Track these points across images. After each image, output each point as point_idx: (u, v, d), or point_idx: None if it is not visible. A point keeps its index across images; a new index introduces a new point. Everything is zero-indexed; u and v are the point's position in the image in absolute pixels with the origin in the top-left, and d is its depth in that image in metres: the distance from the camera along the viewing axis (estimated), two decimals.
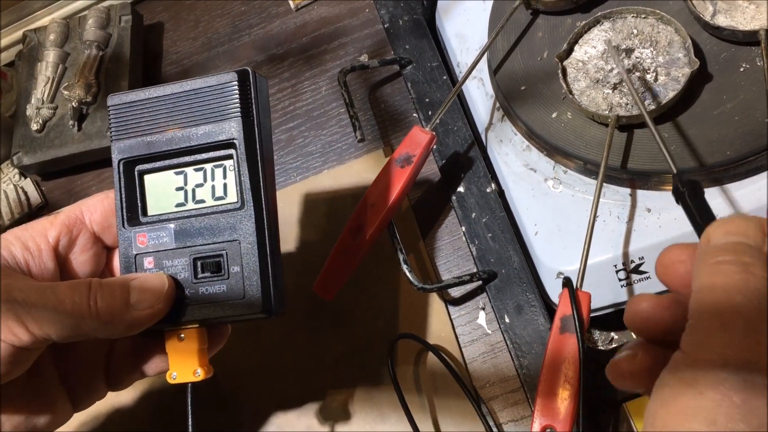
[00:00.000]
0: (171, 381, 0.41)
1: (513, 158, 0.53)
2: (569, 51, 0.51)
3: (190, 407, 0.41)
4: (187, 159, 0.41)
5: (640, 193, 0.49)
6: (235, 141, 0.40)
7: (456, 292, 0.52)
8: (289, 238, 0.57)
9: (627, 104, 0.48)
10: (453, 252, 0.54)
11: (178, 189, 0.42)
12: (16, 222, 0.67)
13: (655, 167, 0.47)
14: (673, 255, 0.30)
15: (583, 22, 0.50)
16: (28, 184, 0.69)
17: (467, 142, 0.56)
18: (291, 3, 0.68)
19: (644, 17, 0.50)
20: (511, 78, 0.53)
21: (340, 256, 0.50)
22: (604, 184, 0.48)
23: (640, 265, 0.47)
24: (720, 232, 0.27)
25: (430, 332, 0.51)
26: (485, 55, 0.54)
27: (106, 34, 0.68)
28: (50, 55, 0.68)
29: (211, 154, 0.41)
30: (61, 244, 0.41)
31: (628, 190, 0.49)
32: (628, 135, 0.48)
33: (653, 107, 0.46)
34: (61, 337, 0.36)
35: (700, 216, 0.34)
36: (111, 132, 0.42)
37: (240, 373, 0.54)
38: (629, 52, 0.49)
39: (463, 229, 0.53)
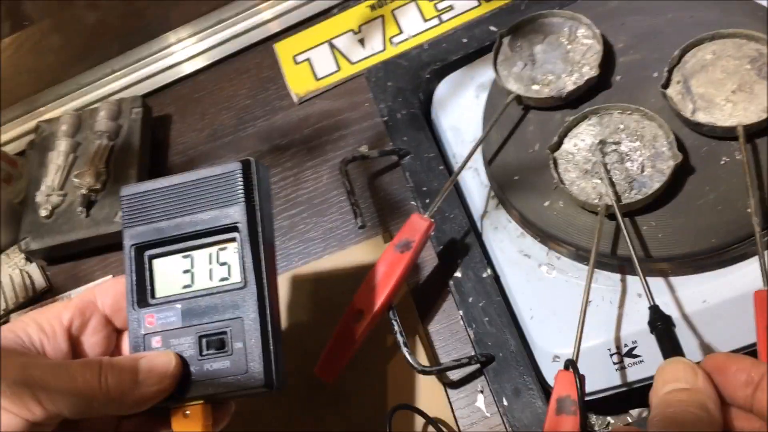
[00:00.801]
0: None
1: (508, 244, 0.56)
2: (559, 143, 0.53)
3: None
4: (193, 243, 0.44)
5: (630, 278, 0.51)
6: (238, 224, 0.42)
7: (455, 375, 0.53)
8: (290, 322, 0.59)
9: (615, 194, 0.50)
10: (451, 335, 0.55)
11: (185, 272, 0.44)
12: (21, 305, 0.69)
13: (643, 254, 0.49)
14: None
15: (573, 117, 0.54)
16: (33, 269, 0.71)
17: (464, 229, 0.58)
18: (294, 97, 0.72)
19: (629, 113, 0.53)
20: (504, 168, 0.56)
21: (342, 339, 0.51)
22: (596, 270, 0.50)
23: (633, 348, 0.49)
24: (659, 383, 0.36)
25: (430, 414, 0.52)
26: (480, 146, 0.57)
27: (116, 125, 0.71)
28: (62, 145, 0.71)
29: (216, 238, 0.43)
30: (74, 326, 0.42)
31: (618, 276, 0.51)
32: (617, 223, 0.50)
33: (640, 197, 0.49)
34: (72, 413, 0.37)
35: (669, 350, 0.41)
36: (123, 220, 0.45)
37: None
38: (617, 144, 0.52)
39: (461, 313, 0.55)
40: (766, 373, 0.33)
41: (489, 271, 0.56)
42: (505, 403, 0.50)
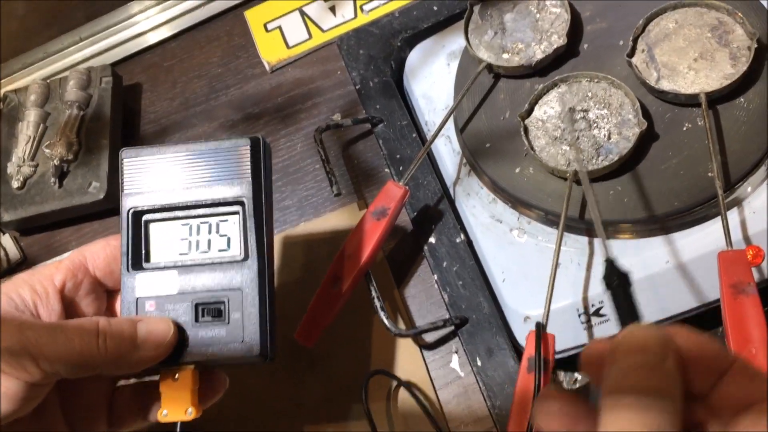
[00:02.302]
0: (161, 419, 0.42)
1: (480, 210, 0.57)
2: (530, 111, 0.55)
3: None
4: (193, 212, 0.44)
5: (597, 241, 0.53)
6: (244, 200, 0.43)
7: (430, 338, 0.55)
8: None
9: (583, 160, 0.52)
10: (426, 299, 0.57)
11: (183, 239, 0.44)
12: None
13: (611, 218, 0.51)
14: (594, 351, 0.30)
15: (542, 85, 0.55)
16: (6, 240, 0.71)
17: (437, 195, 0.59)
18: (266, 65, 0.72)
19: (597, 82, 0.54)
20: (476, 136, 0.58)
21: (320, 305, 0.53)
22: (565, 234, 0.52)
23: (599, 309, 0.51)
24: (621, 350, 0.28)
25: (406, 376, 0.54)
26: (452, 114, 0.59)
27: (86, 95, 0.71)
28: (31, 115, 0.71)
29: (217, 210, 0.44)
30: (67, 287, 0.42)
31: (586, 239, 0.53)
32: (584, 188, 0.52)
33: (606, 163, 0.51)
34: (70, 374, 0.38)
35: (626, 313, 0.36)
36: (122, 184, 0.44)
37: (223, 419, 0.55)
38: (585, 112, 0.53)
39: (436, 277, 0.56)
40: (734, 362, 0.28)
41: (462, 236, 0.57)
42: (479, 363, 0.52)
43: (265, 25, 0.74)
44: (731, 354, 0.28)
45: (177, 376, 0.42)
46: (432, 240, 0.58)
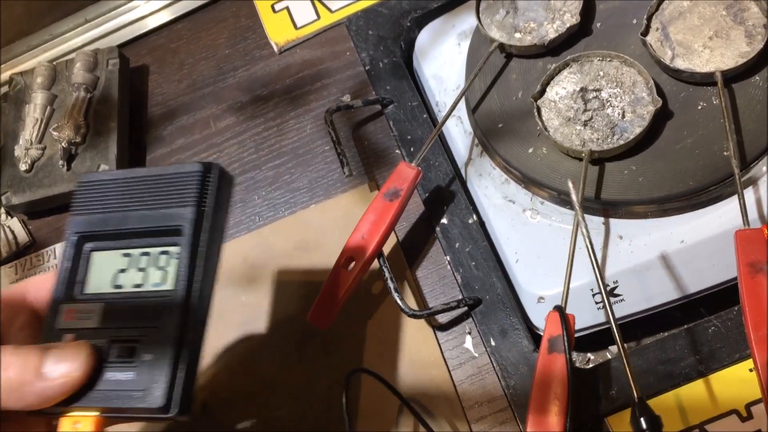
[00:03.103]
0: None
1: (492, 191, 0.57)
2: (542, 91, 0.55)
3: None
4: (137, 242, 0.41)
5: (612, 221, 0.52)
6: (182, 228, 0.40)
7: (443, 318, 0.55)
8: (279, 271, 0.60)
9: (598, 139, 0.52)
10: (439, 280, 0.57)
11: (121, 271, 0.41)
12: (4, 261, 0.68)
13: (626, 197, 0.51)
14: None
15: (554, 65, 0.55)
16: (15, 224, 0.70)
17: (449, 176, 0.59)
18: (274, 46, 0.72)
19: (609, 60, 0.54)
20: (488, 116, 0.57)
21: (333, 287, 0.52)
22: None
23: (614, 288, 0.51)
24: None
25: (420, 357, 0.54)
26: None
27: (94, 77, 0.70)
28: (38, 97, 0.70)
29: (161, 240, 0.41)
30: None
31: (601, 219, 0.53)
32: (600, 168, 0.52)
33: (621, 143, 0.50)
34: None
35: None
36: (72, 206, 0.42)
37: (235, 402, 0.55)
38: (598, 91, 0.53)
39: (448, 258, 0.56)
40: None
41: (474, 217, 0.57)
42: (493, 343, 0.52)
43: (272, 6, 0.73)
44: None
45: (79, 425, 0.37)
46: (444, 221, 0.57)
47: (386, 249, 0.56)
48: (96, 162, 0.67)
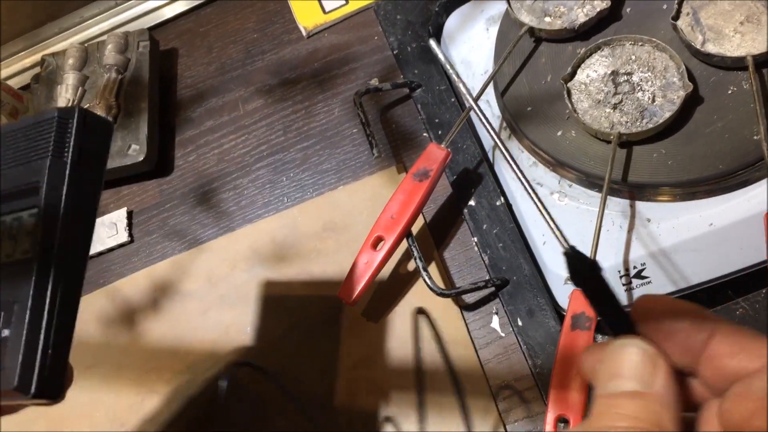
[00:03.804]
0: None
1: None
2: (573, 74, 0.55)
3: None
4: None
5: (639, 204, 0.53)
6: (38, 184, 0.34)
7: (470, 299, 0.56)
8: (307, 251, 0.61)
9: (627, 122, 0.52)
10: (466, 261, 0.57)
11: None
12: None
13: (654, 180, 0.51)
14: (588, 360, 0.28)
15: (586, 48, 0.55)
16: None
17: (476, 159, 0.60)
18: (303, 30, 0.72)
19: (641, 45, 0.54)
20: (517, 100, 0.58)
21: (362, 264, 0.53)
22: (607, 196, 0.52)
23: (642, 270, 0.51)
24: (605, 375, 0.26)
25: (447, 336, 0.55)
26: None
27: (125, 59, 0.71)
28: (70, 78, 0.71)
29: (16, 204, 0.35)
30: None
31: (628, 202, 0.53)
32: (628, 151, 0.52)
33: (651, 126, 0.51)
34: None
35: (613, 317, 0.27)
36: None
37: (260, 378, 0.56)
38: (629, 75, 0.53)
39: (475, 239, 0.57)
40: (712, 335, 0.25)
41: (502, 199, 0.58)
42: (520, 323, 0.53)
43: None
44: (709, 323, 0.26)
45: None
46: (472, 203, 0.58)
47: (414, 230, 0.56)
48: (127, 142, 0.68)
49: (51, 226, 0.34)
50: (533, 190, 0.51)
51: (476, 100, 0.57)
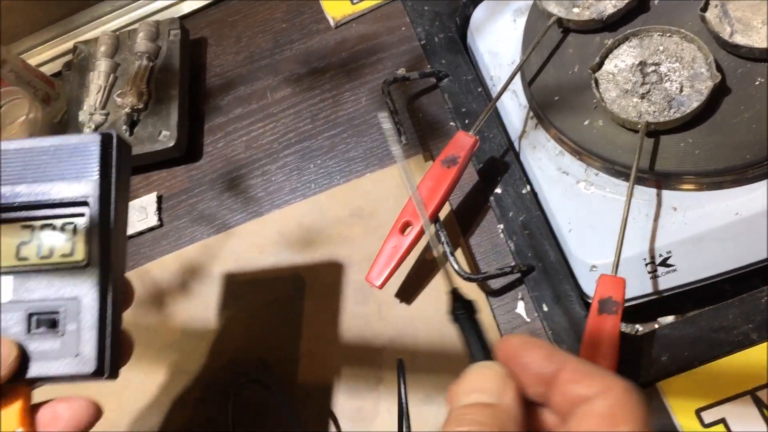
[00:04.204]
0: None
1: (546, 163, 0.58)
2: (601, 64, 0.55)
3: None
4: (36, 213, 0.40)
5: (665, 193, 0.53)
6: (88, 200, 0.40)
7: (495, 284, 0.56)
8: (334, 235, 0.62)
9: (655, 112, 0.52)
10: (491, 248, 0.58)
11: (24, 243, 0.40)
12: None
13: (681, 169, 0.51)
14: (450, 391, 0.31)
15: (614, 39, 0.55)
16: None
17: (503, 148, 0.60)
18: (330, 20, 0.73)
19: (669, 36, 0.55)
20: (544, 89, 0.58)
21: (391, 248, 0.54)
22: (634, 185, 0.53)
23: (667, 258, 0.52)
24: (462, 390, 0.29)
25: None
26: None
27: (156, 46, 0.73)
28: (102, 65, 0.72)
29: (63, 211, 0.40)
30: None
31: (654, 191, 0.54)
32: (655, 140, 0.53)
33: (678, 116, 0.51)
34: None
35: (473, 346, 0.33)
36: None
37: (291, 360, 0.57)
38: (657, 65, 0.54)
39: (501, 227, 0.57)
40: (562, 368, 0.29)
41: (528, 187, 0.58)
42: (545, 308, 0.53)
43: None
44: (561, 357, 0.29)
45: (4, 392, 0.38)
46: (498, 191, 0.59)
47: (441, 216, 0.57)
48: (157, 128, 0.69)
49: (105, 235, 0.40)
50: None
51: (504, 87, 0.57)
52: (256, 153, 0.69)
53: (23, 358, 0.38)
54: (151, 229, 0.68)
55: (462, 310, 0.34)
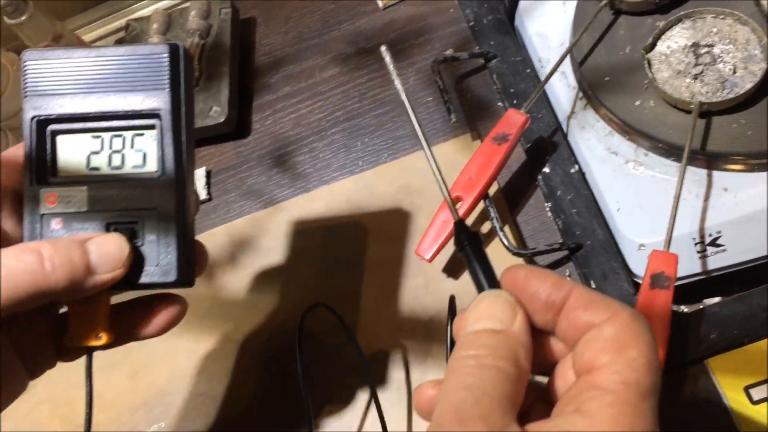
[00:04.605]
0: (69, 344, 0.39)
1: (595, 143, 0.58)
2: (653, 45, 0.56)
3: (87, 371, 0.40)
4: (105, 124, 0.40)
5: (716, 173, 0.54)
6: (160, 112, 0.40)
7: (542, 261, 0.57)
8: (383, 212, 0.63)
9: (708, 92, 0.53)
10: (539, 226, 0.59)
11: (94, 153, 0.40)
12: None
13: (732, 150, 0.52)
14: (423, 392, 0.32)
15: (667, 20, 0.56)
16: None
17: (551, 128, 0.61)
18: (379, 2, 0.74)
19: (722, 18, 0.55)
20: (595, 70, 0.59)
21: (441, 222, 0.55)
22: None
23: (717, 238, 0.52)
24: (471, 318, 0.30)
25: None
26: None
27: (207, 24, 0.74)
28: (155, 42, 0.74)
29: (132, 122, 0.40)
30: None
31: (705, 171, 0.54)
32: (707, 121, 0.53)
33: (732, 96, 0.52)
34: (18, 309, 0.35)
35: (481, 276, 0.33)
36: (24, 87, 0.40)
37: (336, 331, 0.58)
38: (710, 47, 0.54)
39: (549, 205, 0.58)
40: (569, 295, 0.29)
41: (576, 167, 0.59)
42: (593, 285, 0.54)
43: None
44: (568, 284, 0.30)
45: (88, 299, 0.39)
46: (546, 170, 0.59)
47: (490, 193, 0.58)
48: (209, 104, 0.70)
49: (178, 147, 0.40)
50: None
51: (556, 67, 0.58)
52: (304, 130, 0.70)
53: None
54: (201, 202, 0.69)
55: (467, 241, 0.34)
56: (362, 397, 0.56)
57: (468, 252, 0.34)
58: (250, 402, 0.59)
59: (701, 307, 0.56)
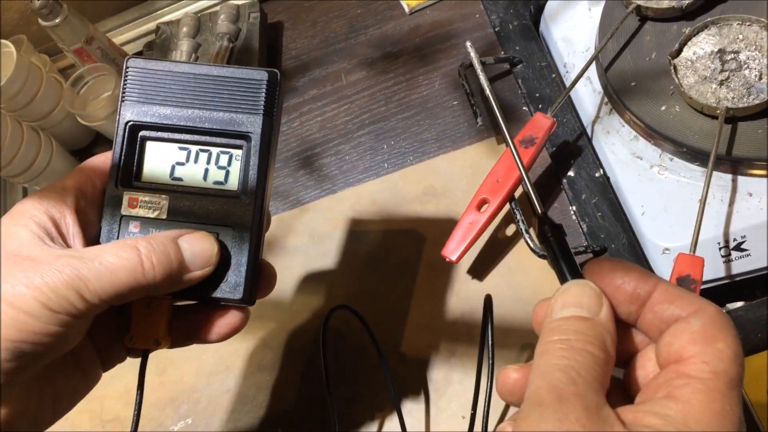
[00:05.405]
0: (128, 344, 0.41)
1: (620, 147, 0.59)
2: (679, 51, 0.56)
3: (140, 372, 0.41)
4: (195, 138, 0.42)
5: (741, 179, 0.54)
6: (251, 135, 0.41)
7: None
8: (408, 213, 0.63)
9: (734, 98, 0.53)
10: (564, 229, 0.59)
11: (179, 164, 0.42)
12: None
13: (758, 155, 0.52)
14: (508, 375, 0.33)
15: (693, 27, 0.56)
16: None
17: (576, 132, 0.61)
18: (405, 7, 0.75)
19: (749, 24, 0.55)
20: (620, 75, 0.59)
21: (467, 224, 0.56)
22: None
23: (741, 243, 0.52)
24: (558, 305, 0.31)
25: (544, 297, 0.57)
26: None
27: (236, 28, 0.75)
28: (184, 45, 0.75)
29: (221, 140, 0.41)
30: (80, 207, 0.40)
31: (730, 176, 0.54)
32: (733, 126, 0.53)
33: (758, 102, 0.52)
34: (115, 302, 0.37)
35: (564, 267, 0.34)
36: (123, 93, 0.41)
37: (363, 331, 0.59)
38: (736, 53, 0.55)
39: (574, 208, 0.59)
40: (654, 289, 0.30)
41: (601, 171, 0.59)
42: None
43: None
44: (653, 278, 0.31)
45: (151, 304, 0.40)
46: (571, 173, 0.60)
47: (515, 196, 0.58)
48: None
49: (263, 170, 0.41)
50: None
51: (583, 72, 0.59)
52: (330, 133, 0.71)
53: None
54: None
55: (551, 232, 0.35)
56: (384, 396, 0.57)
57: (551, 244, 0.35)
58: (274, 398, 0.59)
59: (725, 311, 0.57)
